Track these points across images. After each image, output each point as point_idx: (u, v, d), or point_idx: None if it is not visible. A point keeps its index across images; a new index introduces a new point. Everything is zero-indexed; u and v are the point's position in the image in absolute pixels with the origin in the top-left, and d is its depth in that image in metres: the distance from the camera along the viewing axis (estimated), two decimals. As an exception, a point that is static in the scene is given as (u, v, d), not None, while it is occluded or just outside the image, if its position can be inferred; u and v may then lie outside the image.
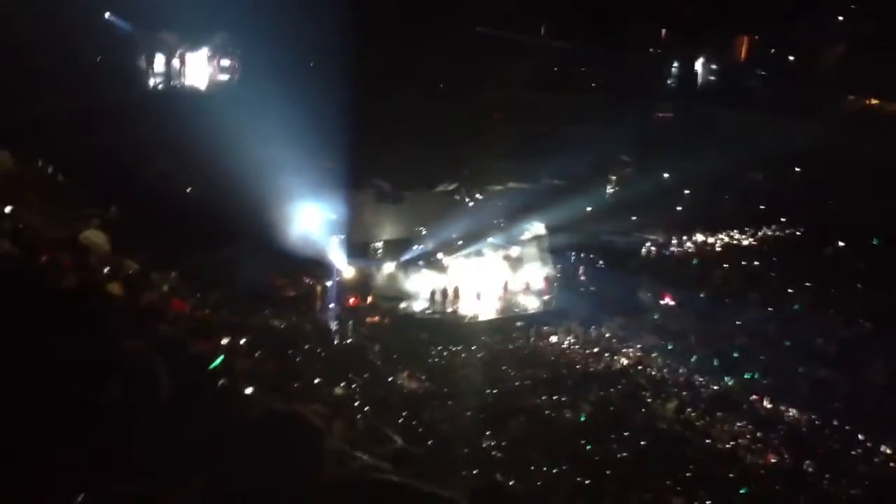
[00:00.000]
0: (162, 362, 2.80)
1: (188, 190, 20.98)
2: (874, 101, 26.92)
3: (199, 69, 23.93)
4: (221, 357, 7.80)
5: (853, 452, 15.18)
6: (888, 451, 15.10)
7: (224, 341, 10.30)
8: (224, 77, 24.25)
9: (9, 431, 1.38)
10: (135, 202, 16.62)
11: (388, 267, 24.25)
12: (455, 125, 26.22)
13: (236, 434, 2.15)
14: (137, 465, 2.23)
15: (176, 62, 23.38)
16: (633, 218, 26.37)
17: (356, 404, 13.54)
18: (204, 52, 23.87)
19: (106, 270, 10.91)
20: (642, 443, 15.01)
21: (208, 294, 16.70)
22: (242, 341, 12.17)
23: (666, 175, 26.98)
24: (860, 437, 15.67)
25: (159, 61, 23.05)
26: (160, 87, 23.27)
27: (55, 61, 19.53)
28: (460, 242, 25.20)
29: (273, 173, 21.08)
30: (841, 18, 25.58)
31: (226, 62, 24.24)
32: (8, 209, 11.64)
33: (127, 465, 2.12)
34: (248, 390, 7.59)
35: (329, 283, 22.61)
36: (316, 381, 13.69)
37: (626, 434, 15.29)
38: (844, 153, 24.14)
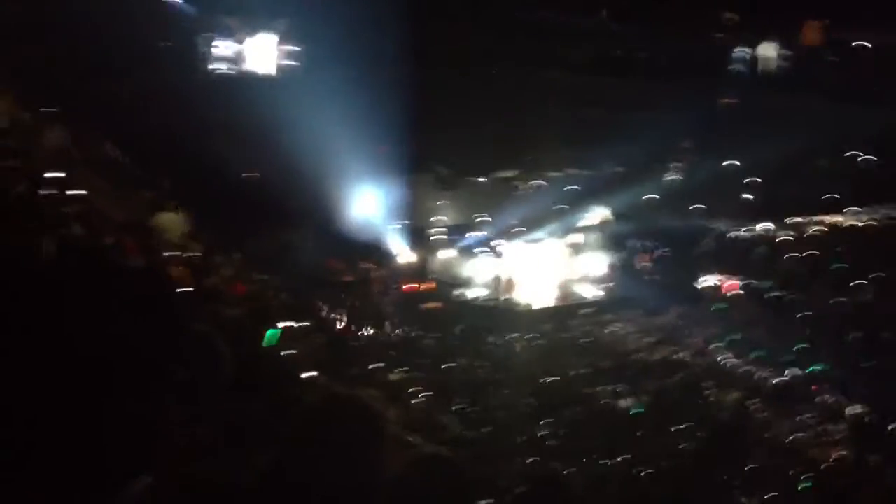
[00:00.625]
0: (224, 345, 2.82)
1: (250, 174, 21.25)
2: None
3: (261, 53, 24.14)
4: (277, 332, 7.87)
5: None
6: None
7: (283, 325, 10.40)
8: (286, 62, 24.42)
9: (73, 414, 1.39)
10: (198, 185, 16.88)
11: (447, 253, 24.26)
12: (515, 110, 26.07)
13: (297, 417, 2.14)
14: (200, 446, 2.24)
15: (239, 47, 23.62)
16: (697, 205, 25.92)
17: (412, 390, 13.60)
18: (266, 35, 24.06)
19: (169, 254, 11.11)
20: (700, 434, 14.83)
21: (268, 278, 16.93)
22: (301, 325, 12.29)
23: (730, 162, 26.44)
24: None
25: (222, 45, 23.31)
26: (222, 71, 23.54)
27: (118, 44, 19.89)
28: (519, 229, 25.08)
29: (332, 158, 21.23)
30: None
31: (288, 47, 24.39)
32: (76, 192, 11.91)
33: (190, 447, 2.13)
34: (307, 374, 7.67)
35: (386, 269, 22.74)
36: (372, 366, 13.79)
37: (684, 426, 15.10)
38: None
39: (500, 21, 27.19)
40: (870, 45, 26.92)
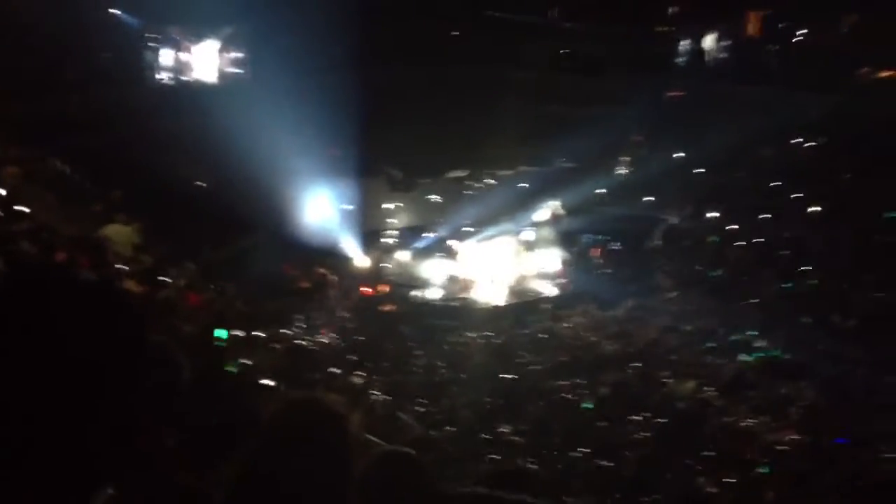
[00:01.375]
0: (181, 355, 2.81)
1: (201, 183, 21.06)
2: (886, 74, 26.64)
3: (208, 62, 23.93)
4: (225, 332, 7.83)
5: (872, 429, 15.08)
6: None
7: (239, 334, 10.34)
8: (232, 69, 24.26)
9: (32, 430, 1.38)
10: (148, 196, 16.68)
11: (401, 255, 24.28)
12: (465, 109, 26.20)
13: (258, 424, 2.15)
14: (161, 456, 2.23)
15: (185, 56, 23.40)
16: (647, 198, 26.26)
17: (373, 393, 13.59)
18: (212, 44, 23.86)
19: (121, 266, 10.98)
20: (658, 423, 15.02)
21: (223, 287, 16.80)
22: (257, 333, 12.21)
23: (678, 154, 26.81)
24: (879, 413, 15.57)
25: (168, 56, 23.08)
26: (170, 81, 23.31)
27: (65, 59, 19.62)
28: (473, 228, 25.19)
29: (283, 163, 21.14)
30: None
31: (234, 54, 24.24)
32: (25, 209, 11.71)
33: (151, 457, 2.13)
34: (266, 381, 7.64)
35: (342, 273, 22.69)
36: (332, 370, 13.75)
37: (644, 415, 15.29)
38: (857, 127, 23.95)
39: (452, 20, 27.32)
40: (810, 34, 27.48)
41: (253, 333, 11.69)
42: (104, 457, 1.46)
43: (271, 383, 7.66)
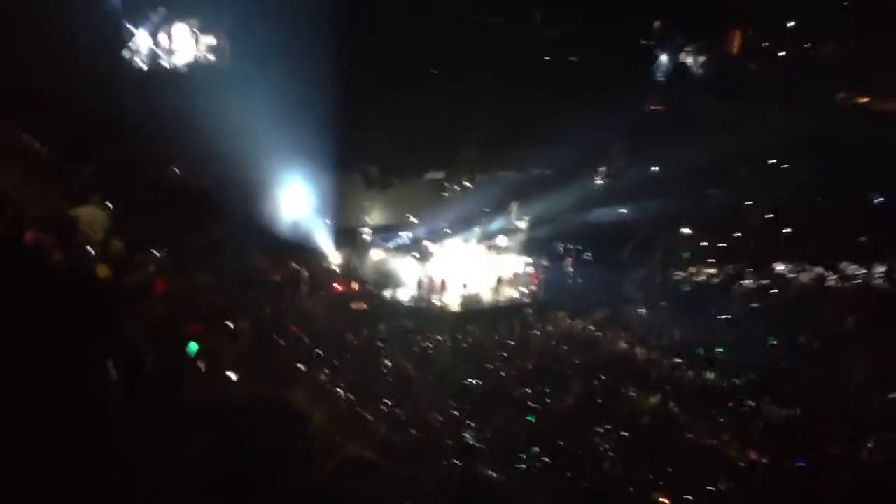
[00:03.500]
0: (147, 343, 2.73)
1: (174, 169, 20.84)
2: (864, 99, 26.97)
3: (188, 46, 23.69)
4: (196, 345, 7.71)
5: (833, 450, 15.20)
6: (868, 448, 15.13)
7: (208, 325, 10.20)
8: (213, 54, 24.03)
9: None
10: (121, 181, 16.43)
11: (375, 253, 24.18)
12: (445, 112, 26.14)
13: (221, 418, 2.07)
14: (122, 453, 2.14)
15: (163, 39, 23.15)
16: (622, 209, 26.37)
17: (340, 391, 13.46)
18: (191, 28, 23.62)
19: (90, 249, 10.78)
20: (625, 434, 15.03)
21: (194, 276, 16.59)
22: (227, 324, 12.05)
23: (655, 168, 26.96)
24: (840, 433, 15.70)
25: (147, 38, 22.82)
26: (149, 63, 23.04)
27: (38, 36, 19.30)
28: (448, 231, 25.17)
29: (259, 153, 20.96)
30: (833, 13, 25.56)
31: (212, 39, 24.01)
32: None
33: (111, 454, 2.04)
34: (232, 375, 7.52)
35: (314, 268, 22.55)
36: (300, 366, 13.61)
37: (608, 427, 15.28)
38: (835, 149, 24.18)
39: (434, 23, 27.21)
40: (791, 55, 27.71)
41: (220, 324, 11.53)
42: (62, 443, 1.39)
43: (234, 376, 7.54)
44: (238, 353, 9.88)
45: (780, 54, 28.01)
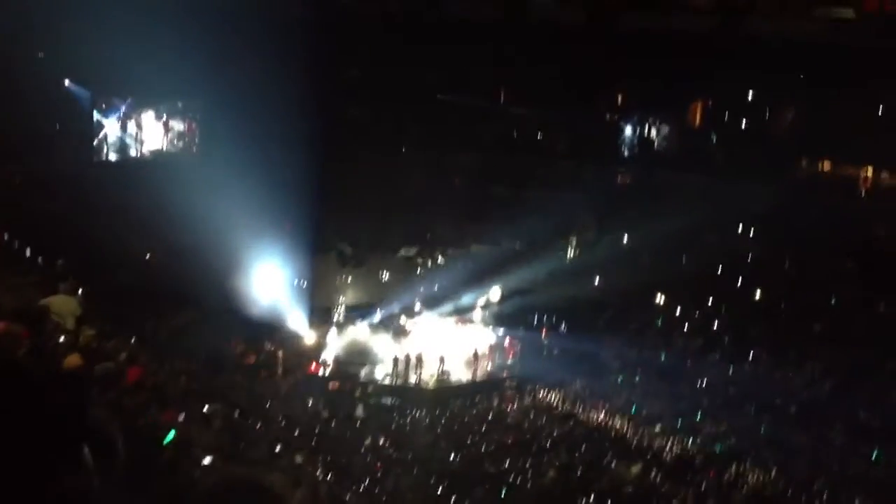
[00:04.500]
0: (118, 429, 2.73)
1: (147, 256, 20.82)
2: (826, 165, 27.59)
3: (158, 135, 23.92)
4: (173, 432, 7.64)
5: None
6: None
7: (182, 410, 10.10)
8: (183, 141, 24.27)
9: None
10: (93, 269, 16.38)
11: (350, 332, 24.10)
12: (417, 189, 26.42)
13: (194, 501, 2.08)
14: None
15: (134, 128, 23.36)
16: (595, 281, 26.57)
17: (318, 473, 13.31)
18: (163, 117, 23.88)
19: (62, 339, 10.68)
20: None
21: (167, 361, 16.45)
22: (201, 409, 11.94)
23: (626, 239, 27.28)
24: (823, 497, 15.66)
25: (118, 128, 23.02)
26: (119, 153, 23.20)
27: (13, 128, 19.43)
28: (423, 307, 25.19)
29: (233, 238, 20.99)
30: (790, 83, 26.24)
31: (184, 126, 24.27)
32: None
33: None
34: (207, 460, 7.43)
35: (290, 349, 22.41)
36: (277, 448, 13.46)
37: (591, 499, 15.16)
38: (798, 216, 24.59)
39: (405, 103, 27.67)
40: (752, 125, 28.33)
41: (195, 409, 11.43)
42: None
43: (207, 461, 7.45)
44: (212, 437, 9.77)
45: (742, 124, 28.67)
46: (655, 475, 16.57)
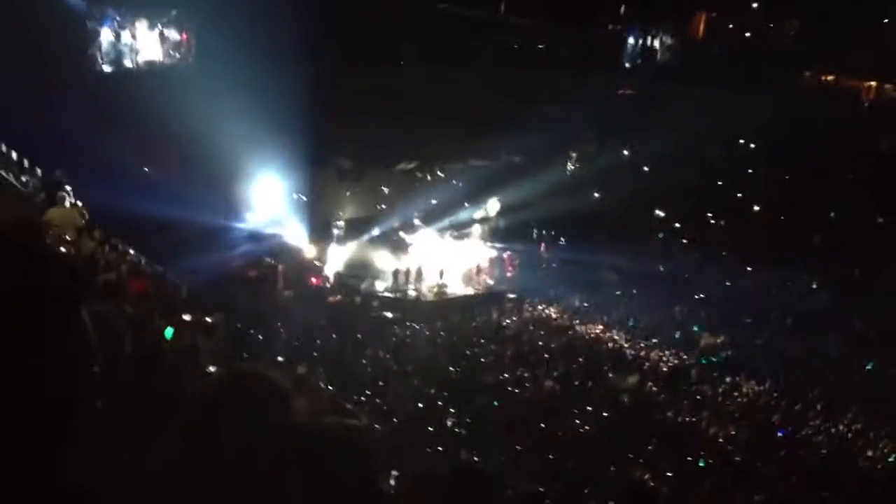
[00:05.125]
0: (127, 328, 2.75)
1: (145, 168, 20.68)
2: (829, 77, 27.28)
3: (154, 45, 23.45)
4: (171, 329, 7.71)
5: (810, 423, 15.43)
6: (844, 422, 15.37)
7: (186, 318, 10.18)
8: (179, 52, 23.82)
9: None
10: (92, 181, 16.31)
11: (351, 246, 24.15)
12: (415, 102, 26.11)
13: (198, 394, 2.08)
14: (98, 434, 2.17)
15: (129, 38, 22.90)
16: (595, 194, 26.52)
17: (320, 383, 13.47)
18: (157, 27, 23.39)
19: (63, 250, 10.70)
20: (604, 415, 15.18)
21: (168, 273, 16.52)
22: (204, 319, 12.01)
23: (627, 152, 27.13)
24: (817, 408, 15.93)
25: (113, 38, 22.58)
26: (114, 64, 22.81)
27: (6, 39, 19.08)
28: (422, 221, 25.19)
29: (231, 151, 20.85)
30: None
31: (179, 37, 23.79)
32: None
33: (87, 436, 2.06)
34: (211, 368, 7.50)
35: (290, 263, 22.49)
36: (279, 359, 13.61)
37: (588, 409, 15.42)
38: (800, 129, 24.44)
39: (403, 15, 27.16)
40: (755, 36, 27.93)
41: (198, 319, 11.50)
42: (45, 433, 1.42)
43: (212, 369, 7.52)
44: (215, 347, 9.86)
45: (745, 36, 28.28)
46: (651, 386, 16.84)
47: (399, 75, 26.83)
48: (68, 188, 15.05)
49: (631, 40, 29.92)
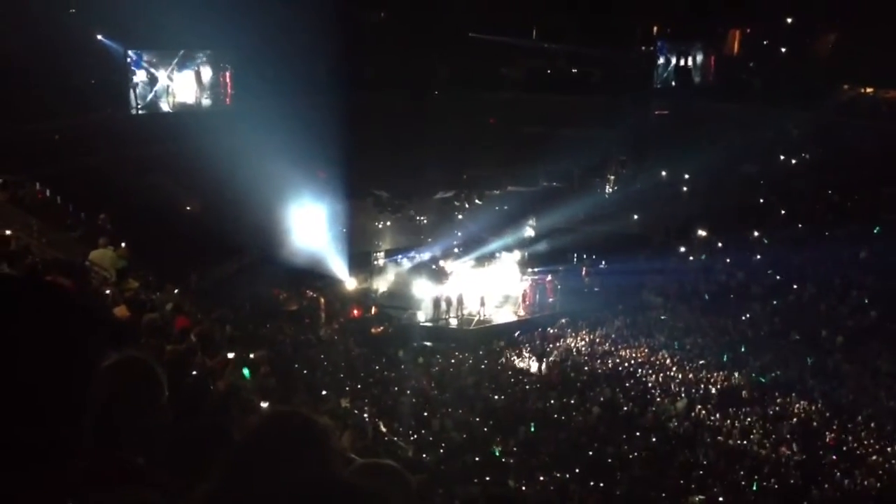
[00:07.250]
0: (163, 373, 2.74)
1: (188, 207, 20.98)
2: (868, 90, 26.87)
3: (191, 86, 23.93)
4: (248, 370, 7.74)
5: (865, 443, 15.06)
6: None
7: (230, 356, 10.21)
8: (216, 91, 24.26)
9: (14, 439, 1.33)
10: (134, 221, 16.57)
11: (390, 276, 24.22)
12: (451, 131, 26.23)
13: (239, 436, 2.07)
14: (138, 472, 2.14)
15: (167, 80, 23.38)
16: (634, 216, 26.31)
17: (364, 415, 13.46)
18: (195, 68, 23.86)
19: (108, 292, 10.82)
20: (653, 440, 14.97)
21: (212, 310, 16.64)
22: (248, 356, 12.07)
23: (664, 172, 26.93)
24: (871, 426, 15.56)
25: (150, 80, 23.07)
26: (152, 106, 23.28)
27: (48, 85, 19.57)
28: (461, 248, 25.17)
29: (271, 187, 21.08)
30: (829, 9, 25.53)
31: (216, 76, 24.23)
32: (7, 232, 11.59)
33: (128, 473, 2.04)
34: (264, 404, 7.51)
35: (332, 295, 22.59)
36: (322, 392, 13.63)
37: (636, 434, 15.22)
38: (841, 142, 24.10)
39: (437, 44, 27.41)
40: (790, 52, 27.68)
41: (241, 356, 11.55)
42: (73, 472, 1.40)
43: (263, 404, 7.54)
44: (259, 383, 9.89)
45: (780, 51, 28.03)
46: (700, 410, 16.56)
47: (436, 104, 27.04)
48: (109, 228, 15.24)
49: (663, 60, 29.84)
